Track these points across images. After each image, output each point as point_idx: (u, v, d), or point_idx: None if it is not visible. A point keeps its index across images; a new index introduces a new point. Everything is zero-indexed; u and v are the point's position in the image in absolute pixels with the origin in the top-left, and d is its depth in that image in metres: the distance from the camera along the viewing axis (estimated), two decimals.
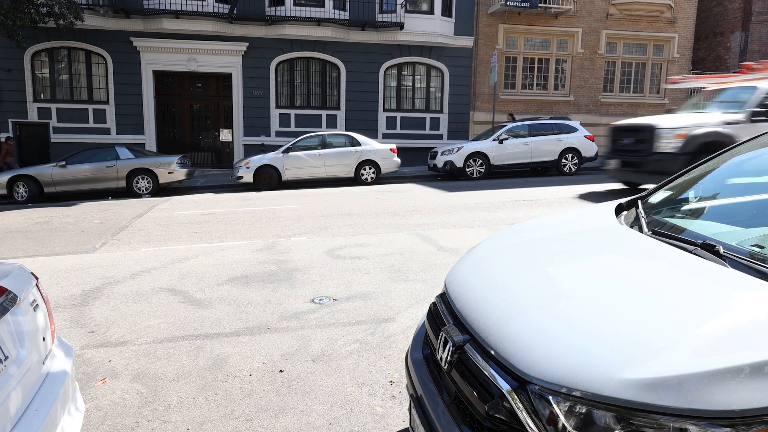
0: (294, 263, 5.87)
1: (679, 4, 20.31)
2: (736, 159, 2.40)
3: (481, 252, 2.22)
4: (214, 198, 12.40)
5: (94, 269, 5.86)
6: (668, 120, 9.69)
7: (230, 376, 3.27)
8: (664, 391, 1.13)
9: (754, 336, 1.21)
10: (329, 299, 4.64)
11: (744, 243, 1.74)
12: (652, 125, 9.64)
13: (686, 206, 2.37)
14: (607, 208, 2.45)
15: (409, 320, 4.10)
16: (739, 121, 9.19)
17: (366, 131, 17.72)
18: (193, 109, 18.74)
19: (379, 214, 9.11)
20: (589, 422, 1.20)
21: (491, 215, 8.70)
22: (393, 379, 3.18)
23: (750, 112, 9.23)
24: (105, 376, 3.31)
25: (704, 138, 9.09)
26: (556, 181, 13.54)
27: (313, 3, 17.25)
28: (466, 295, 1.84)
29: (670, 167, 9.14)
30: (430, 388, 1.77)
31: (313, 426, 2.71)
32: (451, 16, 18.62)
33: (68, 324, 4.21)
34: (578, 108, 20.10)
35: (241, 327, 4.06)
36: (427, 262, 5.81)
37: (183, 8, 16.32)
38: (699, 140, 9.10)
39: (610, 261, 1.88)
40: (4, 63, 16.28)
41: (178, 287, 5.11)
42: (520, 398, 1.34)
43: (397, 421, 2.75)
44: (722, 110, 9.65)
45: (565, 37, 19.78)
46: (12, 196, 13.02)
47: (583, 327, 1.40)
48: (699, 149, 9.07)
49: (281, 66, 18.13)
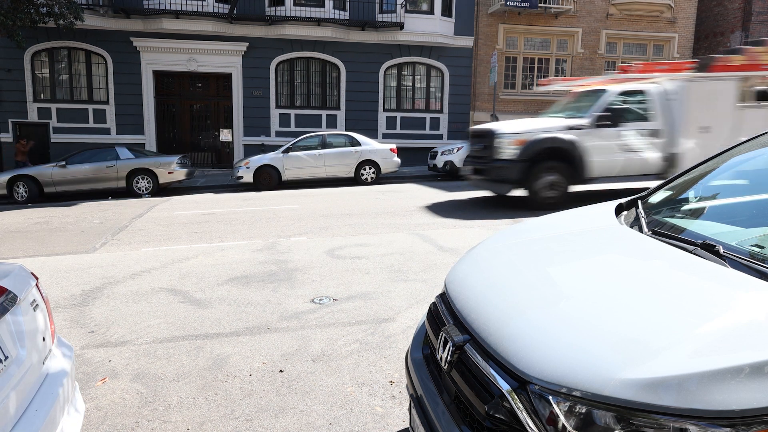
0: (294, 263, 5.87)
1: (679, 4, 20.31)
2: (736, 159, 2.40)
3: (481, 252, 2.22)
4: (214, 198, 12.40)
5: (94, 269, 5.86)
6: (511, 125, 9.28)
7: (230, 376, 3.27)
8: (664, 391, 1.13)
9: (754, 336, 1.21)
10: (329, 299, 4.64)
11: (744, 243, 1.74)
12: (492, 130, 9.20)
13: (686, 206, 2.37)
14: (607, 208, 2.45)
15: (409, 320, 4.10)
16: (582, 126, 8.85)
17: (366, 131, 17.72)
18: (193, 109, 18.74)
19: (379, 214, 9.11)
20: (589, 422, 1.20)
21: (491, 215, 8.70)
22: (393, 379, 3.18)
23: (595, 117, 8.90)
24: (105, 376, 3.31)
25: (543, 144, 8.73)
26: None
27: (313, 3, 17.25)
28: (466, 295, 1.84)
29: (509, 175, 8.80)
30: (430, 388, 1.77)
31: (313, 426, 2.71)
32: (451, 16, 18.62)
33: (68, 324, 4.21)
34: None
35: (241, 327, 4.06)
36: (427, 262, 5.81)
37: (183, 8, 16.32)
38: (538, 146, 8.74)
39: (610, 261, 1.88)
40: (4, 63, 16.28)
41: (178, 287, 5.11)
42: (520, 398, 1.34)
43: (397, 421, 2.75)
44: (570, 115, 9.33)
45: (565, 37, 19.78)
46: (12, 196, 13.02)
47: (583, 327, 1.40)
48: (537, 156, 8.74)
49: (281, 66, 18.13)
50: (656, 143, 9.09)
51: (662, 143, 9.10)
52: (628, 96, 9.28)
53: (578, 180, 8.98)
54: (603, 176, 9.13)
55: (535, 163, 8.77)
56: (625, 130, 8.98)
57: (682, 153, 8.99)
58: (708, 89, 9.11)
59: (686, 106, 8.99)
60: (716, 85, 9.13)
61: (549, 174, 8.85)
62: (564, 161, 8.84)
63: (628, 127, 9.01)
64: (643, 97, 9.23)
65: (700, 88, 9.09)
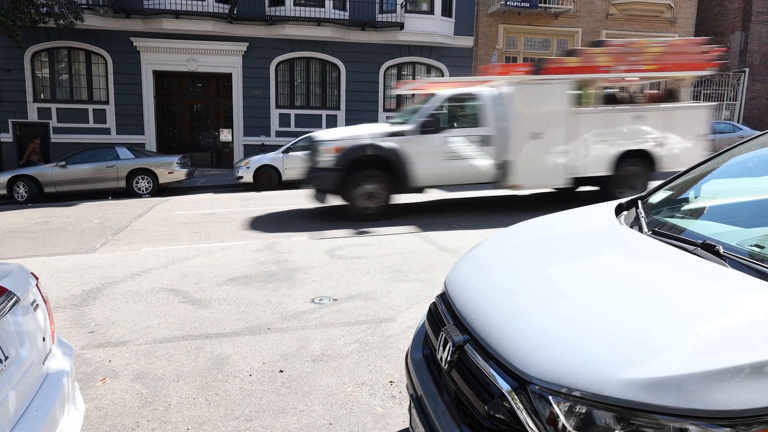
0: (294, 263, 5.87)
1: (679, 4, 20.31)
2: (736, 159, 2.40)
3: (481, 252, 2.22)
4: (214, 198, 12.40)
5: (94, 269, 5.86)
6: (333, 132, 8.87)
7: (230, 376, 3.27)
8: (664, 391, 1.13)
9: (754, 336, 1.21)
10: (329, 299, 4.64)
11: (744, 243, 1.74)
12: (313, 137, 8.80)
13: (686, 206, 2.37)
14: (607, 208, 2.45)
15: (409, 320, 4.10)
16: (406, 133, 8.35)
17: None
18: (193, 109, 18.74)
19: None
20: (589, 422, 1.20)
21: (491, 215, 8.71)
22: (393, 379, 3.18)
23: (419, 123, 8.40)
24: (105, 376, 3.31)
25: (361, 152, 8.23)
26: None
27: (313, 3, 17.25)
28: (466, 295, 1.84)
29: (324, 184, 8.33)
30: (430, 388, 1.77)
31: (313, 426, 2.71)
32: (451, 16, 18.62)
33: (68, 324, 4.21)
34: None
35: (241, 327, 4.06)
36: (427, 262, 5.81)
37: (183, 8, 16.32)
38: (355, 154, 8.23)
39: (610, 261, 1.88)
40: (4, 63, 16.28)
41: (178, 287, 5.11)
42: (520, 398, 1.34)
43: (397, 421, 2.75)
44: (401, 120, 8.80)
45: (565, 37, 19.78)
46: (12, 196, 13.02)
47: (583, 327, 1.40)
48: (355, 164, 8.24)
49: (281, 66, 18.13)
50: (488, 150, 8.57)
51: (494, 150, 8.60)
52: (458, 101, 8.81)
53: (402, 189, 8.48)
54: (431, 185, 8.69)
55: (353, 172, 8.26)
56: (453, 136, 8.46)
57: (513, 161, 8.53)
58: (539, 93, 8.58)
59: (516, 111, 8.46)
60: (548, 89, 8.61)
61: (367, 183, 8.32)
62: (384, 170, 8.33)
63: (456, 134, 8.50)
64: (474, 102, 8.71)
65: (530, 91, 8.55)
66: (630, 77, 9.49)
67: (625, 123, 8.86)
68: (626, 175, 8.94)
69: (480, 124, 8.63)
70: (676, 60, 9.06)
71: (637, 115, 8.93)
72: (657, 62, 9.01)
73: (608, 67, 8.90)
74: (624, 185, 8.92)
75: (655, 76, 9.54)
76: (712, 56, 9.21)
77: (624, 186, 8.93)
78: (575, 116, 8.71)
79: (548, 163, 8.72)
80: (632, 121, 8.89)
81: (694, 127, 9.13)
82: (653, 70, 9.09)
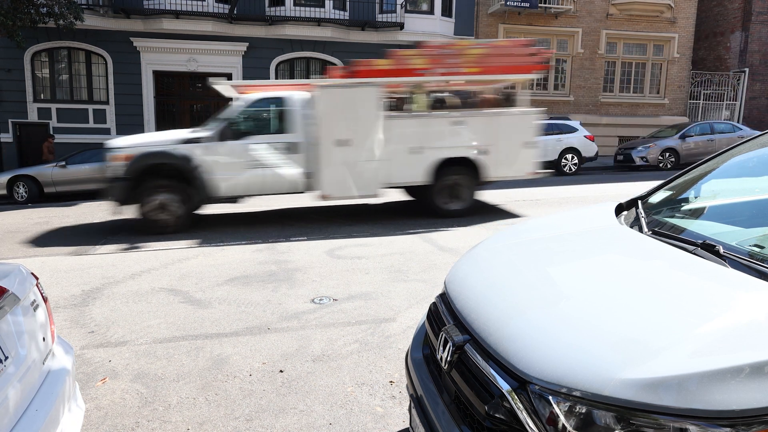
0: (294, 263, 5.87)
1: (679, 4, 20.31)
2: (736, 159, 2.40)
3: (481, 252, 2.22)
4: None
5: (94, 269, 5.86)
6: (129, 139, 8.24)
7: (230, 376, 3.27)
8: (664, 391, 1.13)
9: (754, 336, 1.21)
10: (329, 299, 4.64)
11: (744, 243, 1.74)
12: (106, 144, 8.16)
13: (686, 206, 2.37)
14: (607, 208, 2.45)
15: (409, 320, 4.10)
16: (203, 139, 7.81)
17: None
18: (193, 109, 18.73)
19: (378, 211, 9.11)
20: (589, 422, 1.20)
21: (490, 215, 8.71)
22: (393, 379, 3.18)
23: (220, 129, 7.86)
24: (105, 376, 3.31)
25: (150, 159, 7.65)
26: (556, 181, 13.54)
27: (313, 3, 17.25)
28: (466, 295, 1.84)
29: (113, 194, 7.74)
30: (430, 388, 1.77)
31: (313, 426, 2.71)
32: (451, 16, 18.62)
33: (68, 324, 4.21)
34: (578, 108, 20.10)
35: (241, 327, 4.06)
36: (427, 262, 5.81)
37: (183, 8, 16.32)
38: (144, 162, 7.64)
39: (610, 261, 1.88)
40: (4, 63, 16.27)
41: (178, 287, 5.11)
42: (520, 398, 1.34)
43: (397, 421, 2.75)
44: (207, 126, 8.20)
45: (565, 37, 19.78)
46: (12, 196, 13.01)
47: (583, 327, 1.40)
48: (143, 173, 7.66)
49: (281, 66, 18.13)
50: (296, 158, 8.07)
51: (302, 158, 8.09)
52: (265, 105, 8.25)
53: (199, 200, 7.93)
54: (234, 195, 8.11)
55: (143, 181, 7.70)
56: (257, 143, 7.93)
57: (320, 169, 8.11)
58: (347, 97, 8.08)
59: (321, 116, 8.02)
60: (356, 93, 8.10)
61: (159, 194, 7.75)
62: (178, 179, 7.78)
63: (261, 140, 7.96)
64: (282, 107, 8.16)
65: (336, 96, 8.07)
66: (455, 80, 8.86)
67: (444, 129, 8.33)
68: (450, 185, 8.48)
69: (288, 130, 8.09)
70: (501, 62, 8.59)
71: (458, 121, 8.36)
72: (479, 65, 8.52)
73: (424, 70, 8.44)
74: (448, 195, 8.51)
75: (479, 79, 8.88)
76: (539, 59, 8.79)
77: (448, 196, 8.50)
78: (388, 122, 8.19)
79: (359, 171, 8.19)
80: (452, 128, 8.35)
81: (522, 133, 8.61)
82: (475, 72, 8.56)
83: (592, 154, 15.27)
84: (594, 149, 15.27)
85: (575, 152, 15.02)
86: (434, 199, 8.52)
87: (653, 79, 20.76)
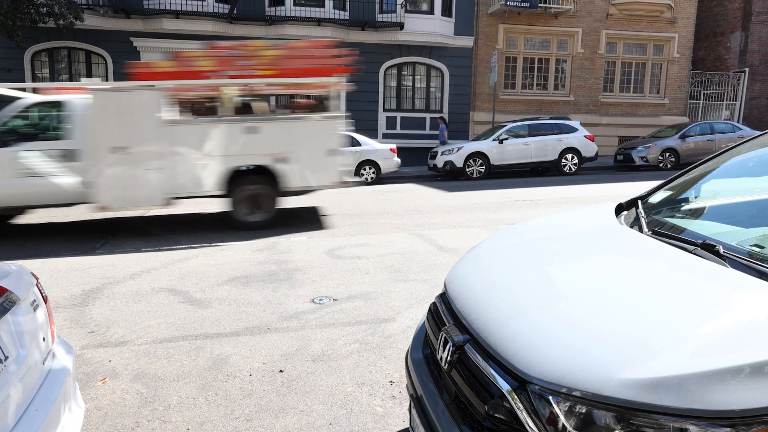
0: (294, 263, 5.88)
1: (679, 4, 20.31)
2: (736, 159, 2.40)
3: (481, 252, 2.22)
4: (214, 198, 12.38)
5: (94, 269, 5.86)
6: None
7: (230, 376, 3.27)
8: (664, 391, 1.13)
9: (754, 336, 1.21)
10: (329, 299, 4.64)
11: (744, 243, 1.74)
12: None
13: (686, 206, 2.37)
14: (607, 208, 2.45)
15: (409, 320, 4.10)
16: None
17: (366, 131, 17.71)
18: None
19: (380, 214, 9.12)
20: (589, 422, 1.20)
21: (491, 215, 8.71)
22: (393, 379, 3.18)
23: None
24: (105, 376, 3.31)
25: None
26: (556, 181, 13.54)
27: (313, 3, 17.25)
28: (466, 295, 1.84)
29: None
30: (430, 388, 1.77)
31: (313, 426, 2.71)
32: (451, 16, 18.62)
33: (68, 324, 4.21)
34: (578, 108, 20.10)
35: (241, 327, 4.06)
36: (427, 262, 5.81)
37: (183, 8, 16.32)
38: None
39: (610, 261, 1.88)
40: (4, 63, 16.27)
41: (178, 287, 5.11)
42: (520, 398, 1.34)
43: (397, 421, 2.75)
44: None
45: (565, 37, 19.78)
46: None
47: (583, 327, 1.40)
48: None
49: None
50: (75, 166, 7.51)
51: (81, 166, 7.54)
52: (42, 109, 7.66)
53: None
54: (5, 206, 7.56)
55: None
56: (29, 150, 7.36)
57: (96, 178, 7.55)
58: (122, 102, 7.52)
59: (95, 122, 7.45)
60: (132, 97, 7.56)
61: None
62: None
63: (34, 147, 7.39)
64: (60, 112, 7.59)
65: (111, 100, 7.50)
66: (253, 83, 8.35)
67: (236, 136, 7.85)
68: (250, 195, 8.05)
69: (66, 137, 7.52)
70: (299, 65, 8.14)
71: (251, 128, 7.86)
72: (275, 67, 8.08)
73: (211, 72, 7.99)
74: (248, 205, 8.08)
75: (279, 82, 8.42)
76: (342, 61, 8.32)
77: (248, 206, 8.08)
78: (171, 128, 7.66)
79: (139, 181, 7.66)
80: (246, 135, 7.86)
81: (324, 140, 8.12)
82: (271, 75, 8.09)
83: (592, 154, 15.27)
84: (594, 149, 15.28)
85: (575, 152, 15.03)
86: (233, 211, 8.06)
87: (653, 79, 20.76)
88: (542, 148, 14.85)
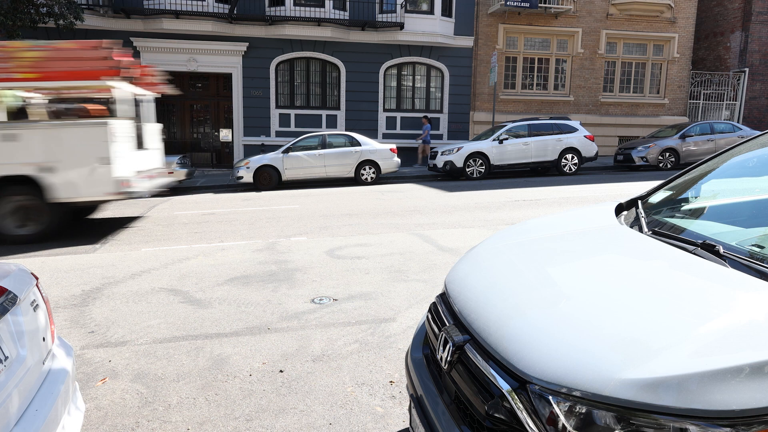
0: (294, 263, 5.87)
1: (679, 4, 20.31)
2: (736, 159, 2.40)
3: (481, 252, 2.22)
4: (214, 198, 12.40)
5: (94, 269, 5.86)
6: None
7: (230, 376, 3.27)
8: (664, 391, 1.13)
9: (754, 336, 1.21)
10: (329, 299, 4.64)
11: (744, 243, 1.74)
12: None
13: (686, 206, 2.37)
14: (607, 207, 2.45)
15: (409, 320, 4.10)
16: None
17: (366, 131, 17.74)
18: (193, 109, 18.74)
19: (379, 214, 9.11)
20: (589, 422, 1.20)
21: (491, 215, 8.70)
22: (393, 379, 3.18)
23: None
24: (105, 376, 3.31)
25: None
26: (556, 181, 13.54)
27: (313, 3, 17.25)
28: (466, 295, 1.84)
29: None
30: (430, 388, 1.77)
31: (313, 426, 2.71)
32: (451, 16, 18.62)
33: (68, 324, 4.21)
34: (578, 108, 20.11)
35: (241, 327, 4.06)
36: (427, 262, 5.81)
37: (183, 8, 16.33)
38: None
39: (610, 261, 1.88)
40: None
41: (178, 287, 5.11)
42: (520, 398, 1.34)
43: (397, 421, 2.75)
44: None
45: (565, 37, 19.78)
46: None
47: (583, 327, 1.40)
48: None
49: (281, 66, 18.13)
50: None
51: None
52: None
53: None
54: None
55: None
56: None
57: None
58: None
59: None
60: None
61: None
62: None
63: None
64: None
65: None
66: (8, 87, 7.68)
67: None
68: (17, 207, 7.56)
69: None
70: (63, 67, 7.54)
71: (9, 135, 7.33)
72: (37, 70, 7.47)
73: None
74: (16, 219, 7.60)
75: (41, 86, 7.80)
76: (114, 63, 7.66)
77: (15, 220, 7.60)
78: None
79: None
80: (3, 142, 7.34)
81: (92, 148, 7.54)
82: (33, 79, 7.49)
83: (592, 154, 15.27)
84: (594, 149, 15.28)
85: (575, 152, 15.03)
86: None
87: (653, 79, 20.76)
88: (542, 148, 14.86)
